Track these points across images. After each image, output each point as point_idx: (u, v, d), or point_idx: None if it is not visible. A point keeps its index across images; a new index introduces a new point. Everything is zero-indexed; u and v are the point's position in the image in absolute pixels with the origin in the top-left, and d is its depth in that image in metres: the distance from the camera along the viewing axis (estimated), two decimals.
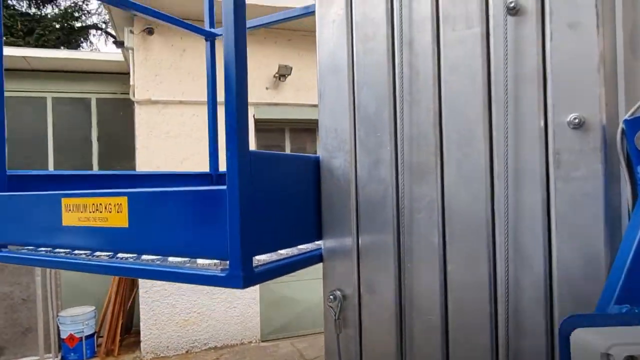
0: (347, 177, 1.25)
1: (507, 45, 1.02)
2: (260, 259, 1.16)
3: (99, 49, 12.88)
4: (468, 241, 1.07)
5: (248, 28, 1.50)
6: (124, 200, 1.24)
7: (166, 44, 5.80)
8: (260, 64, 6.09)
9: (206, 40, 2.67)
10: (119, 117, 7.13)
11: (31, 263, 1.55)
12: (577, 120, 0.95)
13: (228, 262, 1.03)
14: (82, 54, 7.45)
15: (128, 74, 6.78)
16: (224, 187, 1.02)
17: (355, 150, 1.24)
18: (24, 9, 11.15)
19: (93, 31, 12.17)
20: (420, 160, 1.14)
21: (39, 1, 11.54)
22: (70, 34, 10.83)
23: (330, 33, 1.31)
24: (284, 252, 1.30)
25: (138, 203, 1.22)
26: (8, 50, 6.64)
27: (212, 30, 2.67)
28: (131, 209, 1.22)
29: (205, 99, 2.72)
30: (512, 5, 1.02)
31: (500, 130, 1.03)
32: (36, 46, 9.82)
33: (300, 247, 1.35)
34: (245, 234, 1.00)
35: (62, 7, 11.90)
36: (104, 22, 13.14)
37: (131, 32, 5.69)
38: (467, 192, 1.07)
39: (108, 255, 1.38)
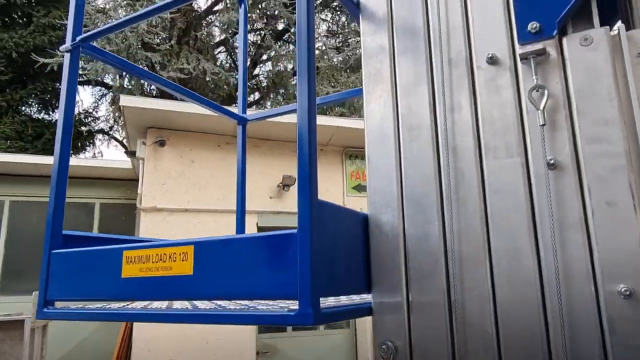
0: (395, 232, 1.30)
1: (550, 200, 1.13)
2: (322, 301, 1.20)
3: (102, 153, 13.32)
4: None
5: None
6: (190, 249, 1.30)
7: (176, 155, 6.05)
8: (265, 174, 6.32)
9: (238, 124, 2.86)
10: (121, 222, 7.17)
11: (83, 318, 1.56)
12: (627, 292, 1.02)
13: (297, 301, 1.08)
14: (92, 161, 7.70)
15: (134, 180, 6.96)
16: (293, 231, 1.12)
17: (403, 209, 1.30)
18: (33, 114, 11.70)
19: (99, 135, 12.68)
20: (469, 249, 1.20)
21: (48, 106, 12.15)
22: (77, 138, 11.27)
23: (377, 107, 1.43)
24: (332, 301, 1.32)
25: (205, 251, 1.28)
26: (20, 157, 6.86)
27: (244, 115, 2.86)
28: (197, 256, 1.29)
29: (210, 208, 2.79)
30: (552, 162, 1.14)
31: (551, 270, 1.10)
32: (44, 149, 10.14)
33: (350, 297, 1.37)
34: (314, 274, 1.08)
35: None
36: (110, 127, 13.75)
37: (143, 143, 5.96)
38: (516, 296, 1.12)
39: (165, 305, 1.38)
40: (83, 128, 10.87)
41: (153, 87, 11.94)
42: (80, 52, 1.90)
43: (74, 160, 7.48)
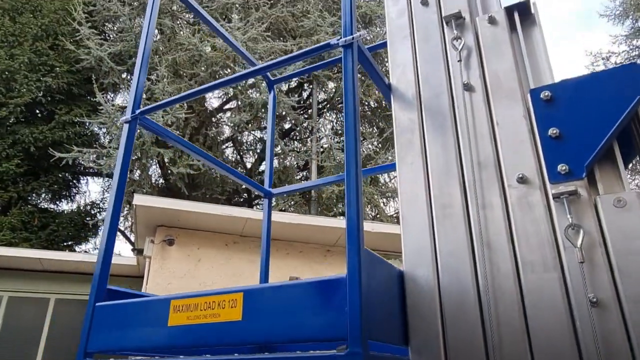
0: (430, 286, 1.38)
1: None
2: None
3: None
4: None
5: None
6: (239, 296, 1.35)
7: (183, 254, 6.04)
8: (271, 275, 6.24)
9: (264, 197, 2.91)
10: None
11: None
12: None
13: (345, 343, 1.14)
14: (95, 256, 7.64)
15: (138, 277, 6.87)
16: (342, 275, 1.20)
17: (438, 268, 1.38)
18: (41, 204, 11.84)
19: (102, 227, 12.72)
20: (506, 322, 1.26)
21: (57, 197, 12.34)
22: (82, 229, 11.30)
23: (408, 172, 1.57)
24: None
25: (255, 297, 1.34)
26: (23, 252, 6.83)
27: (271, 189, 2.92)
28: (246, 303, 1.33)
29: None
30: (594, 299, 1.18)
31: None
32: (47, 241, 10.12)
33: None
34: (363, 315, 1.14)
35: (79, 203, 12.68)
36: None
37: (152, 242, 5.98)
38: None
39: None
40: (89, 219, 10.94)
41: (161, 180, 12.24)
42: (137, 123, 2.05)
43: (79, 255, 7.44)
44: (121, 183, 1.95)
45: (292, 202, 11.71)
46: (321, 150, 11.97)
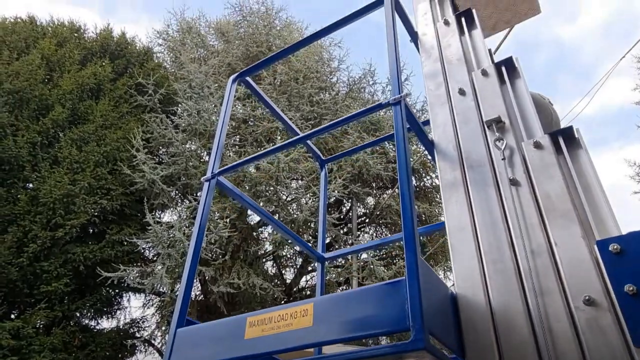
0: (481, 304, 1.48)
1: None
2: None
3: None
4: None
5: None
6: (310, 306, 1.53)
7: None
8: None
9: (318, 262, 3.12)
10: None
11: None
12: None
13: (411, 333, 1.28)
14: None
15: None
16: (401, 278, 1.38)
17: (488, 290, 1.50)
18: (83, 322, 11.87)
19: (139, 345, 12.49)
20: None
21: (100, 315, 12.38)
22: (119, 350, 11.10)
23: (456, 210, 1.72)
24: None
25: (324, 306, 1.53)
26: None
27: (324, 254, 3.14)
28: (316, 311, 1.51)
29: None
30: None
31: None
32: None
33: None
34: (423, 307, 1.31)
35: (119, 321, 12.64)
36: (150, 334, 13.59)
37: None
38: None
39: None
40: (127, 341, 10.79)
41: (201, 296, 12.17)
42: (216, 182, 2.35)
43: None
44: (200, 233, 2.22)
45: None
46: (361, 266, 11.75)
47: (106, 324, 12.72)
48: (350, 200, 13.49)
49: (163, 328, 11.89)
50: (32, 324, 9.33)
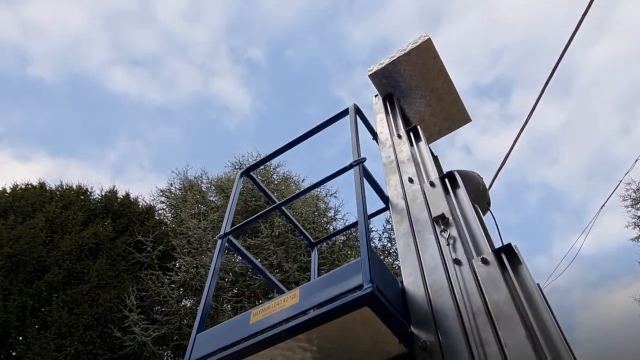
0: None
1: None
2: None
3: None
4: None
5: None
6: (297, 291, 1.94)
7: None
8: None
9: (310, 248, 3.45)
10: None
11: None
12: None
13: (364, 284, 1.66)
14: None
15: None
16: (358, 259, 1.81)
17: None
18: None
19: None
20: None
21: None
22: None
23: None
24: None
25: (307, 288, 1.96)
26: None
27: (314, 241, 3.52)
28: (302, 293, 1.92)
29: None
30: None
31: None
32: None
33: None
34: (371, 272, 1.70)
35: None
36: None
37: None
38: None
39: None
40: None
41: None
42: (226, 241, 2.68)
43: None
44: (213, 280, 2.54)
45: None
46: None
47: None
48: None
49: None
50: None
